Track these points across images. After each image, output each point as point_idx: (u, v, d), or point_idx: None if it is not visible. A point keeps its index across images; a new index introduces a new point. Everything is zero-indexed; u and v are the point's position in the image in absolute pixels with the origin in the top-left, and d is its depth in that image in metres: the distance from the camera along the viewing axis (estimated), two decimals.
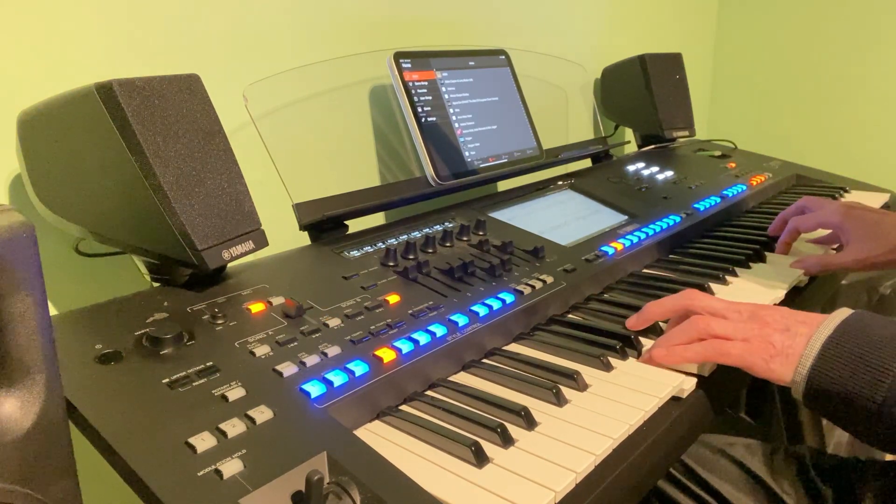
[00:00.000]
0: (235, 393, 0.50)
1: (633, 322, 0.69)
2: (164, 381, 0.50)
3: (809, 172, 1.41)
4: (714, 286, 0.81)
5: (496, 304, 0.69)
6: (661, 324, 0.70)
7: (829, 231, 0.95)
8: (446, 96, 0.98)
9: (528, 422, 0.53)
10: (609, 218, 1.01)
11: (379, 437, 0.53)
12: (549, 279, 0.77)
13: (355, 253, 0.76)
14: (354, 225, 0.85)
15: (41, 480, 0.39)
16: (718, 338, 0.61)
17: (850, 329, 0.57)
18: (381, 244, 0.79)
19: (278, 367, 0.54)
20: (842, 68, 1.75)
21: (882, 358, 0.54)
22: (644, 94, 1.39)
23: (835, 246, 0.97)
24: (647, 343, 0.67)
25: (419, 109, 0.93)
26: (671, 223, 1.00)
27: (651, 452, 0.54)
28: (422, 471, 0.48)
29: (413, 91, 0.93)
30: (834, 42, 1.75)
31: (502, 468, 0.48)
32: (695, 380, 0.61)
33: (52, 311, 0.61)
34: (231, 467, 0.43)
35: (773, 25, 1.86)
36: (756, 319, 0.62)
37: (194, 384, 0.50)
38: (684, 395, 0.60)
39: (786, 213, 0.97)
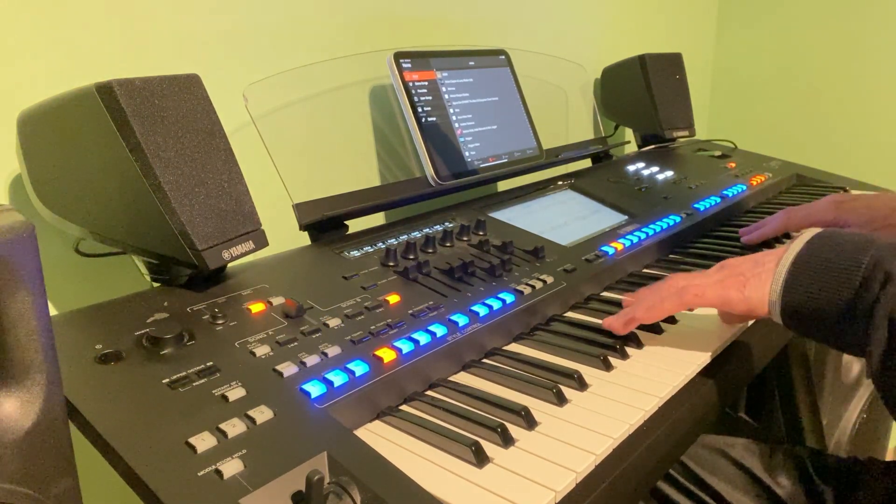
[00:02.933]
0: (235, 393, 0.50)
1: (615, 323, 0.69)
2: (164, 381, 0.50)
3: (809, 172, 1.41)
4: None
5: (496, 304, 0.69)
6: (661, 323, 0.70)
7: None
8: (446, 96, 0.98)
9: (529, 422, 0.53)
10: (609, 218, 1.01)
11: (379, 437, 0.53)
12: (549, 279, 0.77)
13: (355, 253, 0.76)
14: (354, 225, 0.85)
15: (41, 480, 0.39)
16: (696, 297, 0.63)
17: (817, 242, 0.58)
18: (381, 244, 0.79)
19: (278, 367, 0.54)
20: (842, 68, 1.75)
21: (851, 257, 0.54)
22: (644, 94, 1.39)
23: None
24: (645, 340, 0.67)
25: (419, 109, 0.93)
26: (671, 223, 1.00)
27: (651, 452, 0.54)
28: (422, 471, 0.48)
29: (413, 91, 0.93)
30: (834, 42, 1.75)
31: (502, 468, 0.48)
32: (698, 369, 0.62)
33: (52, 311, 0.61)
34: (231, 467, 0.43)
35: (774, 25, 1.86)
36: (724, 266, 0.64)
37: (194, 384, 0.50)
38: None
39: (767, 231, 0.94)
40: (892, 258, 0.52)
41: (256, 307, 0.62)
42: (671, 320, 0.72)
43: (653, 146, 1.46)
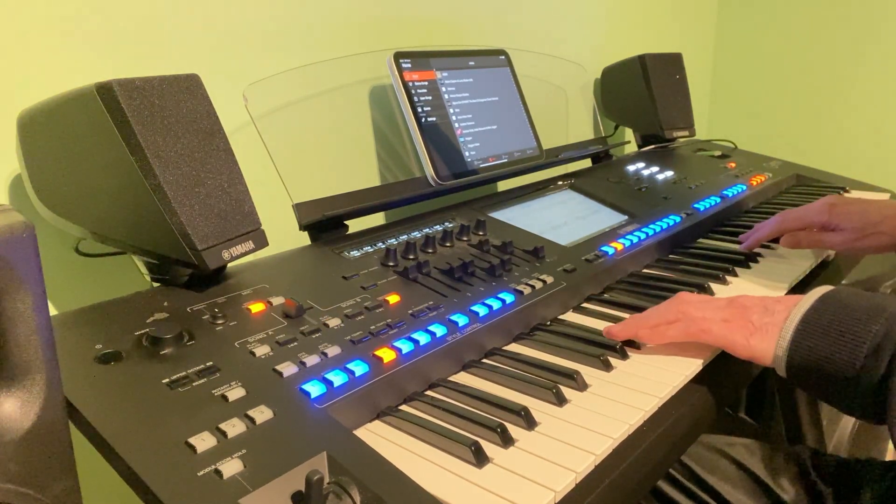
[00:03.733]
0: (235, 393, 0.50)
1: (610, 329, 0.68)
2: (164, 381, 0.50)
3: (809, 172, 1.41)
4: (714, 286, 0.81)
5: (496, 304, 0.69)
6: None
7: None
8: (446, 96, 0.98)
9: (528, 422, 0.53)
10: (609, 218, 1.01)
11: (379, 437, 0.53)
12: (549, 279, 0.77)
13: (355, 253, 0.76)
14: (354, 225, 0.85)
15: (41, 480, 0.39)
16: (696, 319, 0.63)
17: (828, 301, 0.58)
18: (381, 244, 0.79)
19: (278, 367, 0.54)
20: (842, 68, 1.75)
21: (859, 324, 0.54)
22: (644, 94, 1.39)
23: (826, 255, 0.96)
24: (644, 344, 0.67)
25: (419, 109, 0.93)
26: (671, 223, 1.00)
27: (651, 452, 0.54)
28: (422, 471, 0.48)
29: (413, 91, 0.93)
30: (834, 42, 1.75)
31: (502, 468, 0.48)
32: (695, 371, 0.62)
33: (52, 311, 0.61)
34: (231, 467, 0.43)
35: (773, 25, 1.86)
36: (734, 304, 0.63)
37: (194, 384, 0.50)
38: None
39: (761, 235, 0.94)
40: None
41: (256, 307, 0.62)
42: None
43: (653, 146, 1.46)
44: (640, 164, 1.27)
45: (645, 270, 0.90)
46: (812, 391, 0.58)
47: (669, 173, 1.24)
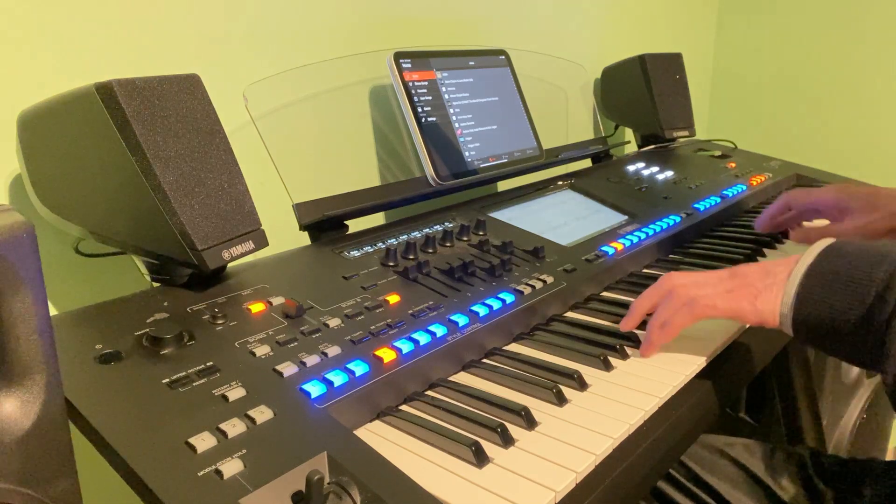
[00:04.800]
0: (235, 393, 0.50)
1: (626, 323, 0.69)
2: (164, 381, 0.50)
3: (809, 172, 1.41)
4: None
5: (496, 304, 0.69)
6: None
7: (825, 221, 0.95)
8: (446, 96, 0.98)
9: (529, 422, 0.53)
10: (609, 218, 1.01)
11: (379, 437, 0.53)
12: (549, 279, 0.77)
13: (355, 253, 0.76)
14: (354, 225, 0.85)
15: (41, 480, 0.39)
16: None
17: (831, 252, 0.57)
18: (381, 244, 0.79)
19: (278, 367, 0.54)
20: (842, 68, 1.75)
21: (864, 270, 0.54)
22: (644, 94, 1.39)
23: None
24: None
25: (419, 109, 0.93)
26: (671, 223, 1.00)
27: (651, 452, 0.54)
28: (422, 471, 0.48)
29: (413, 91, 0.93)
30: (834, 42, 1.75)
31: (502, 468, 0.48)
32: (694, 372, 0.62)
33: (52, 311, 0.60)
34: (231, 467, 0.43)
35: (774, 25, 1.86)
36: (735, 275, 0.63)
37: (194, 384, 0.50)
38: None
39: (771, 209, 0.95)
40: None
41: (256, 307, 0.62)
42: None
43: (653, 146, 1.46)
44: (640, 164, 1.27)
45: (645, 270, 0.90)
46: (820, 345, 0.58)
47: (669, 173, 1.24)
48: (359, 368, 0.56)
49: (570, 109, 1.49)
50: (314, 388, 0.52)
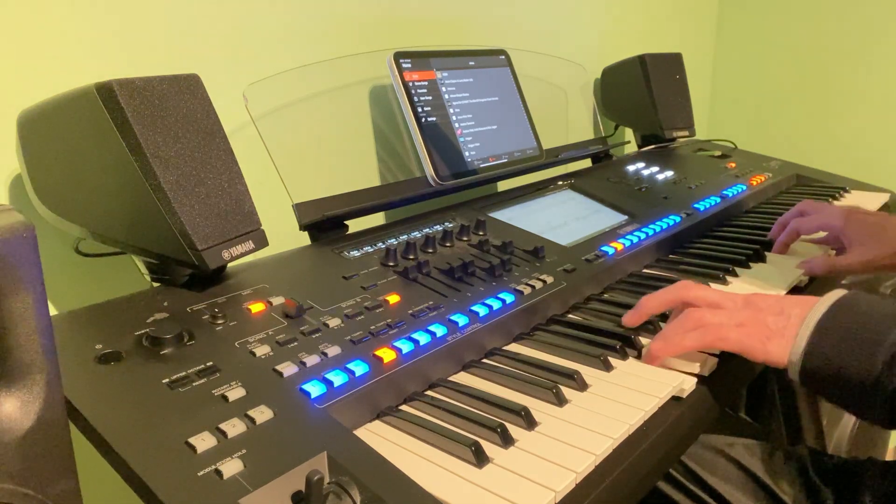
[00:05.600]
0: (235, 393, 0.50)
1: (630, 318, 0.68)
2: (164, 381, 0.50)
3: (809, 172, 1.41)
4: (714, 286, 0.81)
5: (496, 304, 0.69)
6: (661, 324, 0.70)
7: (826, 233, 0.95)
8: (446, 96, 0.98)
9: (528, 422, 0.53)
10: (609, 218, 1.01)
11: (379, 437, 0.53)
12: (549, 279, 0.77)
13: (355, 253, 0.76)
14: (354, 225, 0.85)
15: (41, 480, 0.39)
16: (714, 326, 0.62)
17: (844, 306, 0.57)
18: (381, 244, 0.79)
19: (278, 367, 0.54)
20: (842, 68, 1.75)
21: (875, 331, 0.54)
22: (644, 94, 1.39)
23: (833, 248, 0.96)
24: (647, 343, 0.67)
25: (419, 109, 0.93)
26: (671, 223, 1.00)
27: (651, 452, 0.54)
28: (422, 471, 0.48)
29: (413, 91, 0.93)
30: (834, 42, 1.75)
31: (502, 468, 0.48)
32: (695, 379, 0.62)
33: (52, 311, 0.61)
34: (231, 467, 0.43)
35: (773, 25, 1.86)
36: (750, 306, 0.63)
37: (194, 384, 0.50)
38: (685, 395, 0.60)
39: (785, 216, 0.97)
40: None
41: (256, 307, 0.62)
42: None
43: (653, 146, 1.46)
44: (640, 164, 1.27)
45: (645, 270, 0.90)
46: (827, 397, 0.58)
47: (669, 173, 1.24)
48: (359, 368, 0.56)
49: (570, 109, 1.49)
50: (314, 388, 0.52)
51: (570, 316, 0.76)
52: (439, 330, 0.63)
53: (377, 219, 0.99)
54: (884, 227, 0.84)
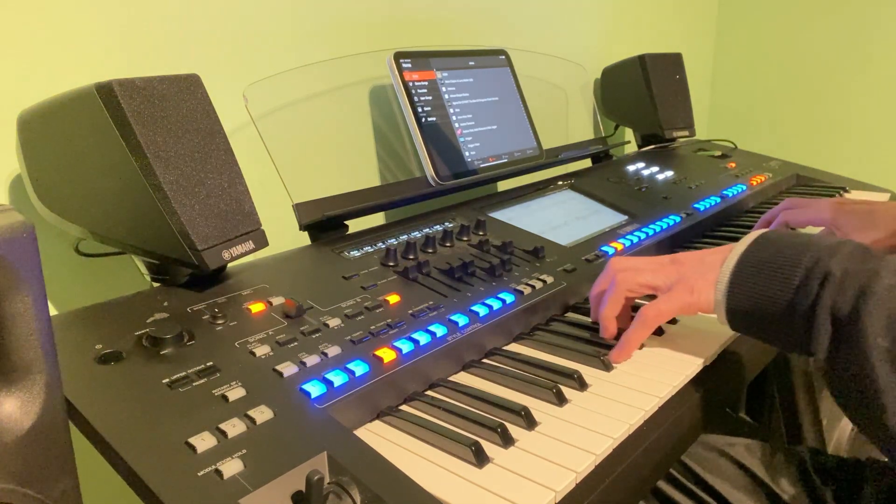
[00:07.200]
0: (235, 393, 0.50)
1: (606, 333, 0.68)
2: (164, 381, 0.50)
3: (809, 172, 1.41)
4: None
5: (496, 304, 0.69)
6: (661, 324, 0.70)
7: (821, 228, 0.95)
8: (446, 96, 0.98)
9: (529, 422, 0.53)
10: (609, 218, 1.01)
11: (379, 437, 0.53)
12: (549, 279, 0.76)
13: (355, 253, 0.76)
14: (354, 225, 0.85)
15: (41, 480, 0.39)
16: (644, 287, 0.65)
17: (762, 241, 0.58)
18: (381, 244, 0.79)
19: (278, 367, 0.54)
20: (842, 68, 1.75)
21: (789, 258, 0.55)
22: (644, 94, 1.39)
23: None
24: (646, 341, 0.67)
25: (419, 109, 0.93)
26: (671, 223, 1.00)
27: (651, 452, 0.54)
28: (422, 471, 0.48)
29: (413, 91, 0.93)
30: (834, 42, 1.75)
31: (502, 468, 0.48)
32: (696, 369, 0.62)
33: (52, 311, 0.61)
34: (231, 467, 0.43)
35: (774, 25, 1.86)
36: (675, 262, 0.65)
37: (194, 384, 0.50)
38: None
39: (771, 212, 0.97)
40: (829, 258, 0.53)
41: (256, 307, 0.62)
42: (672, 321, 0.72)
43: (653, 146, 1.46)
44: (640, 164, 1.27)
45: None
46: (753, 333, 0.59)
47: (669, 173, 1.24)
48: (359, 368, 0.56)
49: (570, 109, 1.49)
50: (314, 388, 0.52)
51: (570, 316, 0.76)
52: (439, 330, 0.63)
53: (377, 219, 0.99)
54: (873, 213, 0.85)
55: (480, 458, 0.49)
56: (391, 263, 0.74)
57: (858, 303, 0.50)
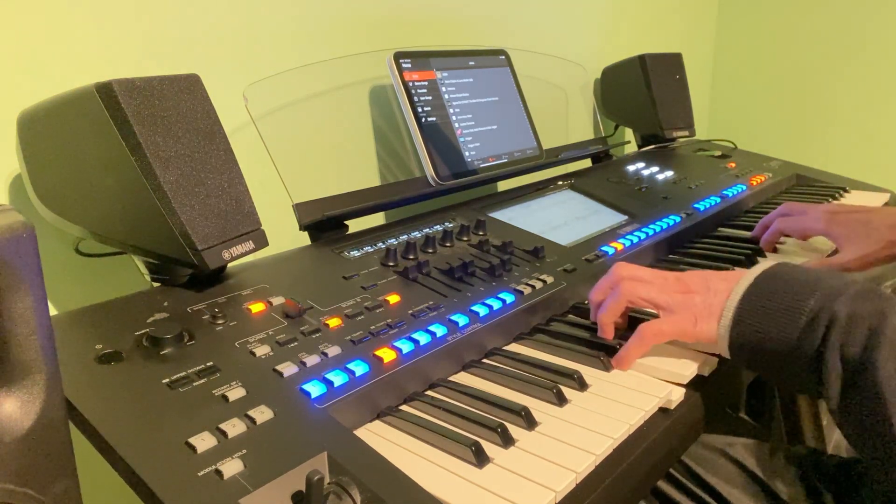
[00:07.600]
0: (235, 393, 0.50)
1: (604, 335, 0.68)
2: (164, 381, 0.50)
3: (809, 172, 1.41)
4: None
5: (496, 304, 0.69)
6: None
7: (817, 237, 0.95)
8: (446, 96, 0.98)
9: (529, 422, 0.53)
10: (609, 218, 1.01)
11: (379, 437, 0.53)
12: (549, 279, 0.76)
13: (355, 253, 0.76)
14: (354, 225, 0.85)
15: (41, 480, 0.39)
16: (647, 303, 0.64)
17: (768, 278, 0.58)
18: (381, 244, 0.79)
19: (278, 367, 0.54)
20: (842, 68, 1.75)
21: (795, 297, 0.54)
22: (644, 94, 1.39)
23: (829, 253, 0.96)
24: None
25: (419, 109, 0.93)
26: (671, 223, 1.00)
27: (651, 452, 0.54)
28: (422, 471, 0.48)
29: (413, 91, 0.93)
30: (834, 42, 1.75)
31: (503, 468, 0.48)
32: (692, 376, 0.62)
33: (52, 311, 0.61)
34: (231, 467, 0.43)
35: (774, 25, 1.86)
36: (680, 283, 0.64)
37: (194, 384, 0.50)
38: (672, 407, 0.59)
39: (768, 217, 0.97)
40: (835, 299, 0.52)
41: (256, 307, 0.62)
42: None
43: (653, 146, 1.46)
44: (640, 164, 1.27)
45: None
46: (755, 369, 0.59)
47: (669, 173, 1.24)
48: (359, 368, 0.56)
49: (570, 109, 1.49)
50: (314, 388, 0.52)
51: (570, 316, 0.76)
52: (439, 330, 0.63)
53: (377, 219, 0.99)
54: (869, 221, 0.84)
55: (480, 459, 0.49)
56: (391, 263, 0.74)
57: (869, 344, 0.49)
